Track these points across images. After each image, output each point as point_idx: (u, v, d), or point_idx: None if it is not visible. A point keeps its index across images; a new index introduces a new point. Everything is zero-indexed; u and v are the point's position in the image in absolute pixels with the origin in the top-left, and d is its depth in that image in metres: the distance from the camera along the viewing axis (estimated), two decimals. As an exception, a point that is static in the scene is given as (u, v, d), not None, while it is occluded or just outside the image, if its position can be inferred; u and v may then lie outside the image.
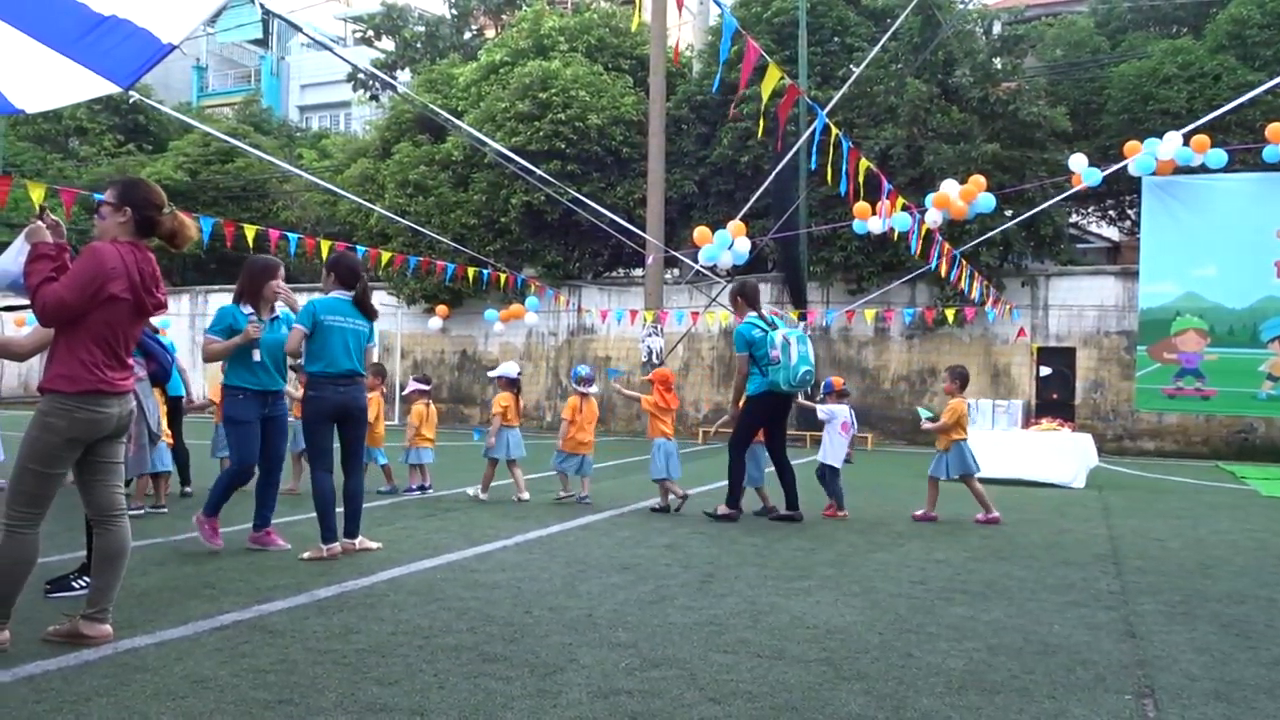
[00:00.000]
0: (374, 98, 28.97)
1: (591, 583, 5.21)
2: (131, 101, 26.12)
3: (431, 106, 14.11)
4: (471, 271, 15.53)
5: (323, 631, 4.11)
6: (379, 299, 8.36)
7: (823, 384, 8.77)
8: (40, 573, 3.92)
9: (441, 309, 19.80)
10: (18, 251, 3.90)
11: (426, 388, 9.32)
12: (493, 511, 7.85)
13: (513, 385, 8.75)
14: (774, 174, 12.70)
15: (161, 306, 3.98)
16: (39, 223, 3.85)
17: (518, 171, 15.16)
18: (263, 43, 42.80)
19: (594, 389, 8.76)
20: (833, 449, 8.20)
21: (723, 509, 7.62)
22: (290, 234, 11.38)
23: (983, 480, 8.14)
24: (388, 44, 30.25)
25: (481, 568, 5.56)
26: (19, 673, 3.46)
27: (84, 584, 4.56)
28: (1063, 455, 11.13)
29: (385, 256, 12.68)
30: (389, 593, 4.90)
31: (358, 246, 12.90)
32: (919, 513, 8.02)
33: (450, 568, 5.55)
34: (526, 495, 8.47)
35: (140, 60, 6.11)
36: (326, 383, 5.77)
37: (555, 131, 19.06)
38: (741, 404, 7.82)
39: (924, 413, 8.37)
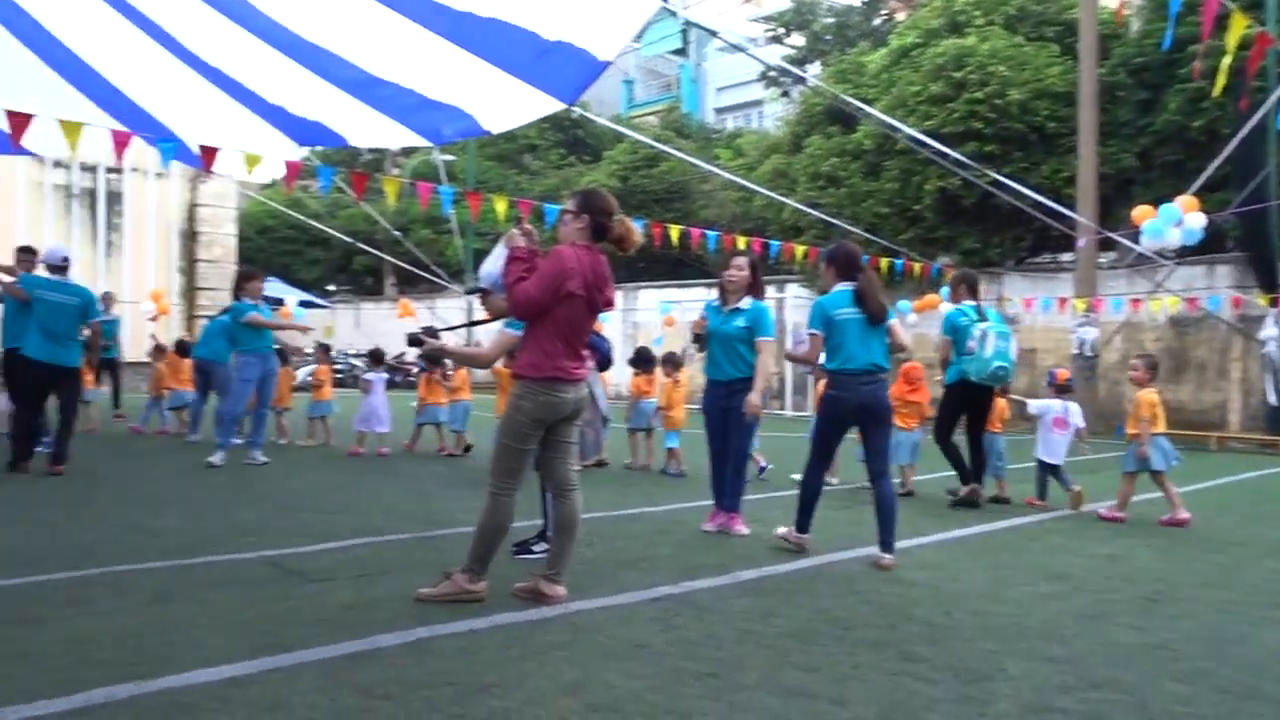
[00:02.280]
0: (785, 94, 29.57)
1: (1018, 589, 4.90)
2: (575, 116, 29.05)
3: (842, 96, 14.10)
4: (884, 262, 15.29)
5: (745, 612, 4.28)
6: (792, 292, 8.69)
7: (1046, 375, 8.58)
8: (509, 536, 4.49)
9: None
10: (498, 256, 4.52)
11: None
12: (910, 508, 7.67)
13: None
14: (1237, 139, 11.03)
15: (610, 304, 4.42)
16: (514, 230, 4.42)
17: (931, 156, 14.65)
18: (682, 51, 45.52)
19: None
20: (1045, 445, 7.88)
21: (963, 491, 7.73)
22: (709, 231, 11.99)
23: None
24: (798, 39, 30.69)
25: (900, 563, 5.44)
26: (493, 621, 4.00)
27: (542, 548, 5.17)
28: None
29: (799, 250, 12.89)
30: (808, 581, 4.98)
31: (771, 241, 13.25)
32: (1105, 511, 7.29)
33: (867, 561, 5.51)
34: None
35: (581, 78, 6.79)
36: (848, 379, 5.53)
37: (971, 111, 18.13)
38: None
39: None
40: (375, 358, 11.39)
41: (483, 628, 3.91)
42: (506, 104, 7.29)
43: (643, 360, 10.29)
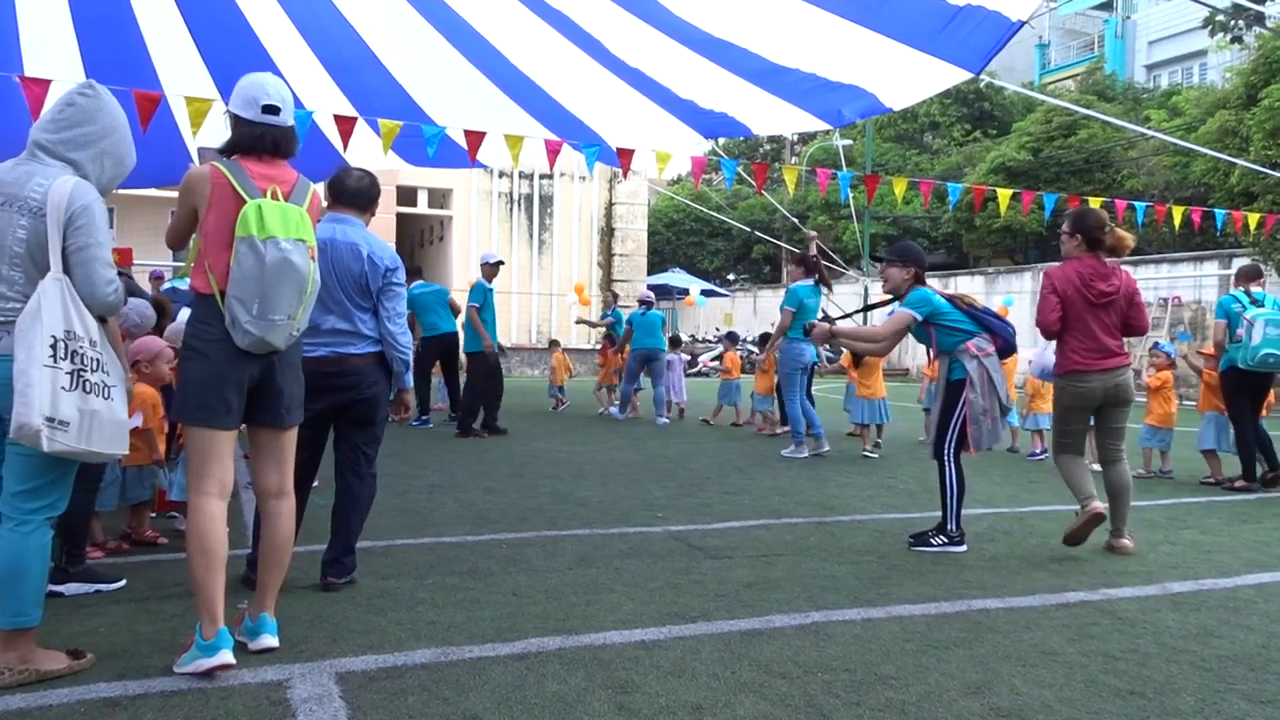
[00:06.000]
0: (1236, 39, 25.69)
1: None
2: (981, 86, 27.48)
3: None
4: (1367, 228, 12.74)
5: (1176, 628, 3.81)
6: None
7: None
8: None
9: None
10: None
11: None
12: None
13: None
14: None
15: (1104, 294, 5.03)
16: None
17: None
18: (1107, 5, 41.25)
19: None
20: None
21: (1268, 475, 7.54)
22: (1136, 203, 10.75)
23: None
24: (1254, -25, 26.46)
25: (1385, 589, 4.54)
26: (890, 611, 3.93)
27: (940, 542, 5.01)
28: None
29: (1253, 219, 11.12)
30: (1257, 599, 4.31)
31: (1215, 210, 11.60)
32: None
33: (1338, 583, 4.66)
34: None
35: (990, 43, 6.39)
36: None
37: None
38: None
39: None
40: (673, 342, 13.28)
41: (879, 617, 3.86)
42: (908, 78, 7.08)
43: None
